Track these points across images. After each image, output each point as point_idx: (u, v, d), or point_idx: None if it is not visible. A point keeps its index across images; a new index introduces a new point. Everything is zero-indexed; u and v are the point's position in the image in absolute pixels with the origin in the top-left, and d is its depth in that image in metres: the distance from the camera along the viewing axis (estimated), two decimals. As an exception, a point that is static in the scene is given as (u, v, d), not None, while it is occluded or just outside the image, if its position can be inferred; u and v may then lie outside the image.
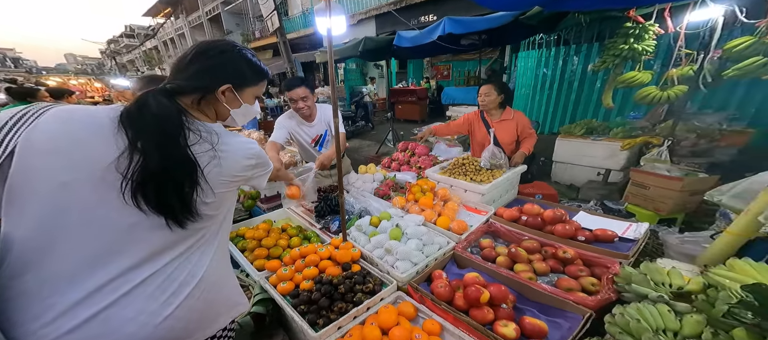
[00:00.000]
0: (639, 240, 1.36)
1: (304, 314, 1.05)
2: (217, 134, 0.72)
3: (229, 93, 0.79)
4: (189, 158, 0.66)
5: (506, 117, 2.29)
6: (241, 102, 0.83)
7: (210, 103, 0.79)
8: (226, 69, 0.78)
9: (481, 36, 4.52)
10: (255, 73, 0.85)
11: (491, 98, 2.23)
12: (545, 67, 5.62)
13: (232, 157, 0.74)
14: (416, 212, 1.71)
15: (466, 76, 10.77)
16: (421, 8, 8.65)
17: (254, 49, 10.22)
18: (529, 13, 3.21)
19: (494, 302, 1.05)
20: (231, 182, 0.75)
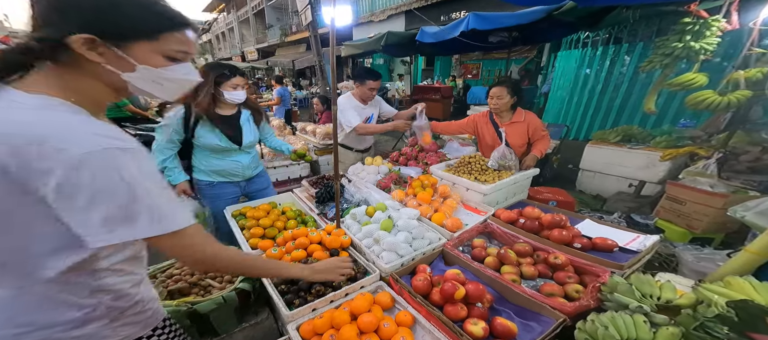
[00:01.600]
0: (642, 252, 1.26)
1: (283, 293, 1.10)
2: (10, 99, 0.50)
3: (101, 48, 0.54)
4: None
5: (517, 119, 2.19)
6: (134, 62, 0.58)
7: (79, 66, 0.55)
8: (78, 12, 0.52)
9: (512, 33, 4.28)
10: (143, 18, 0.57)
11: (503, 101, 2.12)
12: (588, 68, 5.17)
13: None
14: (413, 206, 1.71)
15: (496, 75, 10.37)
16: (451, 5, 8.48)
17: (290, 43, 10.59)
18: (563, 9, 2.99)
19: (470, 300, 1.03)
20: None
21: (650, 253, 1.36)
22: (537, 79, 8.41)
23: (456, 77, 10.54)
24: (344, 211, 1.74)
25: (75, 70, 0.56)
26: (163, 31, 0.60)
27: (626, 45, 4.61)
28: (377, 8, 10.94)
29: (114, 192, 0.53)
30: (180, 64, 0.65)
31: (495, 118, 2.25)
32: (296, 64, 13.25)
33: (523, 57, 9.12)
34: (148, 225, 0.56)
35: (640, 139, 3.39)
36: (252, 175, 1.95)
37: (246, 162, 1.86)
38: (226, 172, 1.82)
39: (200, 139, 1.68)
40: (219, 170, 1.80)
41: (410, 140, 2.70)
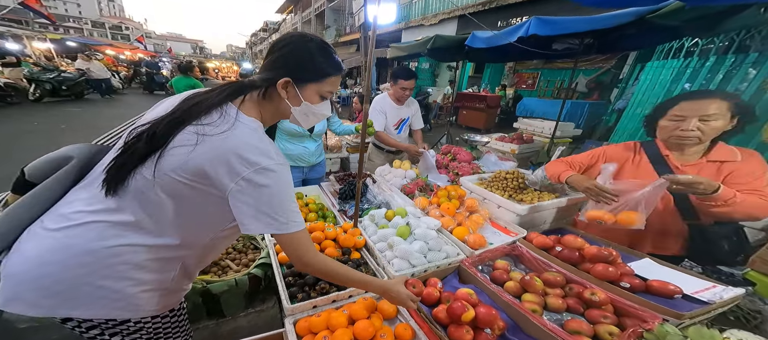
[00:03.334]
0: (714, 304, 1.03)
1: (289, 285, 1.11)
2: (234, 122, 0.68)
3: (290, 88, 0.76)
4: (164, 137, 0.66)
5: (722, 156, 1.24)
6: (301, 99, 0.78)
7: (273, 98, 0.78)
8: (287, 61, 0.75)
9: (584, 40, 3.67)
10: (320, 67, 0.78)
11: (720, 124, 1.18)
12: (689, 82, 4.08)
13: (219, 144, 0.66)
14: (435, 216, 1.62)
15: (556, 87, 9.48)
16: (511, 10, 8.06)
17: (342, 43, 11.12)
18: (662, 12, 2.32)
19: (478, 324, 0.93)
20: (198, 174, 0.66)
21: (726, 307, 1.11)
22: (611, 94, 7.49)
23: (506, 86, 9.97)
24: (364, 211, 1.71)
25: (267, 101, 0.79)
26: (327, 76, 0.80)
27: (755, 55, 3.53)
28: (430, 12, 10.86)
29: (269, 197, 0.68)
30: (324, 101, 0.84)
31: (665, 152, 1.33)
32: (344, 64, 13.70)
33: (595, 67, 8.17)
34: (278, 225, 0.71)
35: None
36: (315, 162, 2.19)
37: (312, 149, 2.13)
38: (295, 156, 2.08)
39: (284, 123, 1.96)
40: (291, 154, 2.06)
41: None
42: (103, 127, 6.02)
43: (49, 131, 5.58)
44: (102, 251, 0.67)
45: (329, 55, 0.78)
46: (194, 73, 5.01)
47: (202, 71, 5.50)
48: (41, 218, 0.71)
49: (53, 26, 14.68)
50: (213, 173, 0.66)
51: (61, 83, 8.19)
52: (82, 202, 0.70)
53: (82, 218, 0.68)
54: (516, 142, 4.04)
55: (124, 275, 0.69)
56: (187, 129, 0.67)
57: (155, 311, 0.78)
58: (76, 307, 0.67)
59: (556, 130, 4.17)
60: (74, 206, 0.70)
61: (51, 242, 0.66)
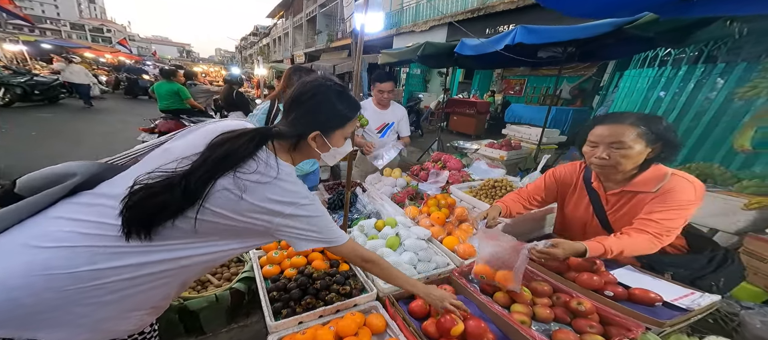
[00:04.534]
0: (693, 311, 1.05)
1: (273, 300, 1.07)
2: (277, 171, 0.74)
3: (319, 138, 0.83)
4: (201, 190, 0.67)
5: (644, 186, 1.17)
6: (330, 146, 0.86)
7: (302, 148, 0.85)
8: (316, 116, 0.81)
9: (567, 49, 3.86)
10: (344, 114, 0.84)
11: (627, 153, 1.12)
12: (664, 90, 4.31)
13: (265, 191, 0.72)
14: (426, 225, 1.62)
15: (542, 94, 9.74)
16: (499, 18, 8.24)
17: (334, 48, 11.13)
18: (638, 23, 2.51)
19: (468, 338, 0.92)
20: (248, 215, 0.71)
21: (705, 313, 1.14)
22: (593, 100, 7.73)
23: (495, 92, 10.15)
24: (354, 221, 1.69)
25: (298, 152, 0.85)
26: (350, 119, 0.87)
27: (722, 65, 3.73)
28: (420, 19, 10.99)
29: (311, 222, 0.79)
30: (348, 140, 0.92)
31: (595, 181, 1.31)
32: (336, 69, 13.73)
33: (577, 75, 8.46)
34: (326, 241, 0.83)
35: (720, 180, 2.83)
36: (308, 170, 2.13)
37: None
38: None
39: None
40: None
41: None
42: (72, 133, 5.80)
43: (18, 137, 5.32)
44: (88, 275, 0.63)
45: (349, 99, 0.85)
46: (177, 78, 4.81)
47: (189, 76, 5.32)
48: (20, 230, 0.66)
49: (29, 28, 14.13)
50: (260, 215, 0.73)
51: (33, 87, 7.81)
52: (80, 223, 0.66)
53: (77, 241, 0.64)
54: (504, 148, 4.09)
55: (107, 299, 0.66)
56: (225, 177, 0.70)
57: (132, 330, 0.75)
58: (49, 329, 0.62)
59: (542, 136, 4.25)
60: (65, 225, 0.65)
61: (28, 260, 0.61)
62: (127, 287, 0.67)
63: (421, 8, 11.03)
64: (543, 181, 1.51)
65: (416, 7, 11.36)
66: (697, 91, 4.00)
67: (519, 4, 7.47)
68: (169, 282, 0.74)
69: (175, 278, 0.75)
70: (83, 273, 0.63)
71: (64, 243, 0.63)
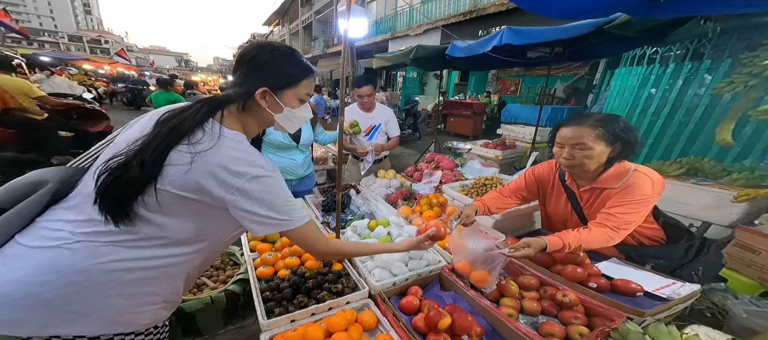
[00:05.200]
0: (673, 300, 1.08)
1: (266, 300, 1.10)
2: (218, 138, 0.71)
3: (269, 97, 0.79)
4: (156, 162, 0.66)
5: (608, 182, 1.24)
6: (282, 105, 0.82)
7: (252, 110, 0.80)
8: (261, 72, 0.78)
9: (554, 49, 3.98)
10: (294, 74, 0.82)
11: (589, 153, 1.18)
12: (654, 88, 4.39)
13: (208, 159, 0.68)
14: (418, 224, 1.65)
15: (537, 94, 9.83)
16: (492, 20, 8.34)
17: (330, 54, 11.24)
18: (615, 23, 2.65)
19: (455, 331, 0.95)
20: (196, 191, 0.68)
21: (686, 303, 1.17)
22: (587, 99, 7.80)
23: (491, 93, 10.23)
24: (348, 222, 1.72)
25: (247, 113, 0.81)
26: (301, 80, 0.83)
27: (708, 62, 3.82)
28: (414, 23, 11.10)
29: (267, 201, 0.73)
30: (304, 104, 0.87)
31: (568, 179, 1.37)
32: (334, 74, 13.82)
33: (571, 74, 8.57)
34: (282, 224, 0.76)
35: (711, 174, 2.85)
36: (303, 174, 2.17)
37: (300, 160, 2.10)
38: (283, 169, 2.04)
39: (269, 136, 1.94)
40: (278, 166, 2.01)
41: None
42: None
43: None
44: (95, 269, 0.67)
45: (298, 60, 0.83)
46: (175, 88, 4.94)
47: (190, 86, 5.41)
48: (16, 239, 0.69)
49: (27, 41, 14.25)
50: (209, 187, 0.69)
51: None
52: (70, 223, 0.69)
53: (73, 238, 0.67)
54: (499, 148, 4.14)
55: (119, 292, 0.70)
56: (177, 149, 0.68)
57: (148, 324, 0.78)
58: (70, 323, 0.67)
59: (536, 135, 4.30)
60: (58, 226, 0.69)
61: (37, 261, 0.66)
62: (135, 279, 0.71)
63: (414, 13, 11.15)
64: (524, 179, 1.55)
65: (410, 12, 11.48)
66: (686, 87, 4.06)
67: (509, 6, 7.57)
68: (175, 274, 0.78)
69: (177, 270, 0.78)
70: (90, 268, 0.67)
71: (64, 242, 0.67)
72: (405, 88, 12.01)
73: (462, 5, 9.43)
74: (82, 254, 0.67)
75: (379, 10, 14.19)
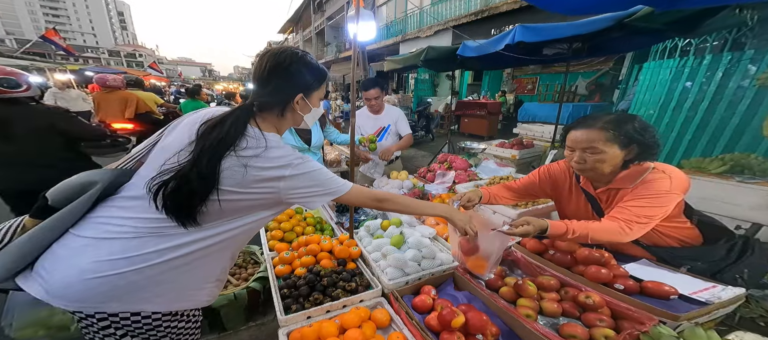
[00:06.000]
0: (712, 304, 1.01)
1: (284, 297, 1.13)
2: (265, 142, 0.80)
3: (302, 101, 0.89)
4: (213, 174, 0.74)
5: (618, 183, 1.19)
6: (311, 107, 0.92)
7: (287, 114, 0.89)
8: (297, 80, 0.87)
9: (572, 44, 3.82)
10: (318, 77, 0.91)
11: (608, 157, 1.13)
12: (689, 81, 4.07)
13: (259, 163, 0.78)
14: (430, 224, 1.64)
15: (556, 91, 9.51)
16: (504, 18, 8.20)
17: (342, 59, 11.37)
18: (637, 16, 2.50)
19: (469, 330, 0.94)
20: (254, 187, 0.79)
21: (728, 308, 1.09)
22: (612, 95, 7.48)
23: (506, 92, 10.03)
24: (361, 222, 1.74)
25: (284, 117, 0.90)
26: (323, 82, 0.93)
27: (752, 51, 3.52)
28: (425, 25, 11.09)
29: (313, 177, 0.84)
30: (322, 101, 0.98)
31: (583, 180, 1.33)
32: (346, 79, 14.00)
33: (594, 69, 8.26)
34: (333, 193, 0.87)
35: (759, 171, 2.63)
36: None
37: None
38: None
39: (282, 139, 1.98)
40: None
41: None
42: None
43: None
44: (160, 256, 0.76)
45: (318, 63, 0.91)
46: (201, 96, 5.20)
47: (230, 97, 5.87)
48: (73, 232, 0.77)
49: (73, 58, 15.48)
50: (265, 184, 0.79)
51: None
52: (132, 219, 0.77)
53: (137, 232, 0.75)
54: (516, 147, 4.04)
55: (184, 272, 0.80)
56: (228, 157, 0.76)
57: (207, 301, 0.89)
58: (144, 302, 0.76)
59: (556, 133, 4.17)
60: (120, 222, 0.77)
61: (108, 250, 0.73)
62: (191, 261, 0.80)
63: (424, 14, 11.13)
64: (537, 175, 1.50)
65: (420, 14, 11.48)
66: (726, 79, 3.74)
67: (522, 4, 7.41)
68: (222, 255, 0.88)
69: (224, 251, 0.87)
70: (156, 254, 0.75)
71: (128, 233, 0.75)
72: (417, 90, 11.99)
73: (473, 5, 9.32)
74: (151, 243, 0.75)
75: (390, 13, 14.28)
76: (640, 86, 4.94)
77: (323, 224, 1.81)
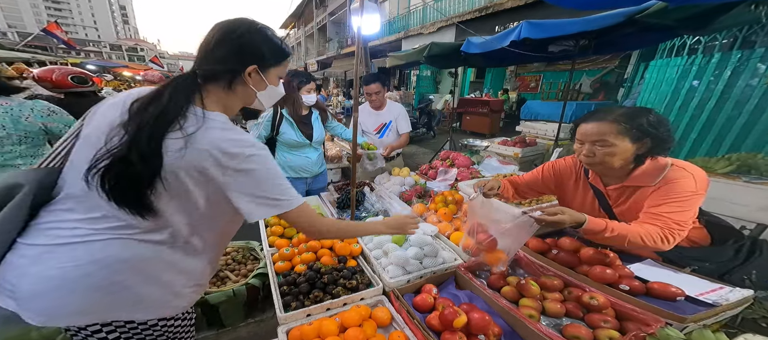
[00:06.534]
0: (720, 306, 0.99)
1: (284, 294, 1.12)
2: (203, 120, 0.69)
3: (255, 74, 0.78)
4: (157, 153, 0.65)
5: (642, 180, 1.14)
6: (267, 83, 0.82)
7: (237, 88, 0.79)
8: (251, 50, 0.77)
9: (579, 42, 3.69)
10: (277, 53, 0.82)
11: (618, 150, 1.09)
12: (697, 79, 4.04)
13: (198, 144, 0.67)
14: (433, 222, 1.62)
15: (559, 89, 9.43)
16: (508, 15, 8.12)
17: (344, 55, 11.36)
18: (650, 11, 2.41)
19: (471, 330, 0.92)
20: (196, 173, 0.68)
21: (736, 310, 1.07)
22: (617, 93, 7.41)
23: (508, 90, 9.97)
24: (362, 219, 1.72)
25: (234, 92, 0.79)
26: (285, 58, 0.85)
27: (761, 50, 3.51)
28: (428, 21, 11.00)
29: (261, 181, 0.73)
30: (281, 82, 0.88)
31: (592, 176, 1.30)
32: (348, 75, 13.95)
33: (598, 68, 8.18)
34: (280, 205, 0.76)
35: (766, 171, 2.62)
36: (317, 172, 2.21)
37: (314, 158, 2.14)
38: (298, 167, 2.10)
39: (283, 135, 1.99)
40: (293, 165, 2.09)
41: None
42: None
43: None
44: (128, 260, 0.70)
45: (280, 39, 0.82)
46: None
47: None
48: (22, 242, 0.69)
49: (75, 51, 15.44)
50: (206, 171, 0.69)
51: None
52: (84, 221, 0.69)
53: (97, 234, 0.68)
54: (519, 145, 4.02)
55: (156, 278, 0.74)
56: (170, 137, 0.67)
57: (186, 306, 0.84)
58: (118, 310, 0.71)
59: (560, 131, 4.14)
60: (71, 225, 0.69)
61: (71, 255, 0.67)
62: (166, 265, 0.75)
63: (428, 10, 11.04)
64: (541, 172, 1.48)
65: (423, 10, 11.39)
66: (735, 78, 3.72)
67: (527, 0, 7.33)
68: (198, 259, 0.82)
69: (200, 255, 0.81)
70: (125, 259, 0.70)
71: (89, 237, 0.68)
72: (419, 87, 11.93)
73: (477, 1, 9.24)
74: (116, 247, 0.69)
75: (392, 9, 14.18)
76: (645, 84, 4.92)
77: (324, 221, 1.80)
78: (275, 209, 0.75)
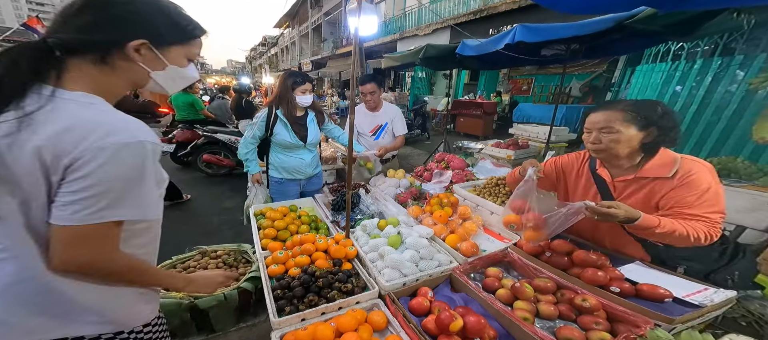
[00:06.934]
0: (705, 307, 1.02)
1: (277, 298, 1.10)
2: (50, 99, 0.55)
3: (146, 51, 0.64)
4: None
5: (652, 172, 1.15)
6: (166, 63, 0.68)
7: (117, 65, 0.63)
8: (135, 20, 0.62)
9: (570, 46, 3.76)
10: (178, 30, 0.69)
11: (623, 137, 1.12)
12: (680, 85, 4.17)
13: (50, 126, 0.54)
14: (428, 224, 1.63)
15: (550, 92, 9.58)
16: (502, 18, 8.22)
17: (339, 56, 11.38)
18: (639, 17, 2.48)
19: (467, 334, 0.92)
20: (41, 167, 0.54)
21: (719, 310, 1.10)
22: (604, 97, 7.59)
23: (501, 93, 10.08)
24: (357, 221, 1.71)
25: (110, 69, 0.63)
26: (192, 38, 0.72)
27: (741, 57, 3.65)
28: (423, 22, 11.05)
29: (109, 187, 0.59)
30: (191, 64, 0.75)
31: (598, 166, 1.31)
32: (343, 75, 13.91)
33: (587, 72, 8.34)
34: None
35: (745, 175, 2.71)
36: (312, 173, 2.18)
37: (308, 160, 2.11)
38: (292, 169, 2.07)
39: (277, 136, 1.96)
40: (287, 166, 2.06)
41: None
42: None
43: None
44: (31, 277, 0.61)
45: (186, 15, 0.70)
46: (193, 89, 5.09)
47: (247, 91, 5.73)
48: None
49: None
50: (47, 160, 0.54)
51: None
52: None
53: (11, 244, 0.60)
54: (512, 147, 4.06)
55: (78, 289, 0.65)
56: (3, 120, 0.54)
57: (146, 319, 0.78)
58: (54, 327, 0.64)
59: (551, 134, 4.20)
60: None
61: None
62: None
63: (423, 12, 11.10)
64: (544, 166, 1.50)
65: (418, 12, 11.44)
66: (715, 84, 3.86)
67: (521, 4, 7.45)
68: None
69: None
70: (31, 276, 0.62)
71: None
72: (413, 89, 11.97)
73: (472, 4, 9.33)
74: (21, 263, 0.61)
75: (388, 10, 14.20)
76: (632, 89, 5.05)
77: (318, 223, 1.78)
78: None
